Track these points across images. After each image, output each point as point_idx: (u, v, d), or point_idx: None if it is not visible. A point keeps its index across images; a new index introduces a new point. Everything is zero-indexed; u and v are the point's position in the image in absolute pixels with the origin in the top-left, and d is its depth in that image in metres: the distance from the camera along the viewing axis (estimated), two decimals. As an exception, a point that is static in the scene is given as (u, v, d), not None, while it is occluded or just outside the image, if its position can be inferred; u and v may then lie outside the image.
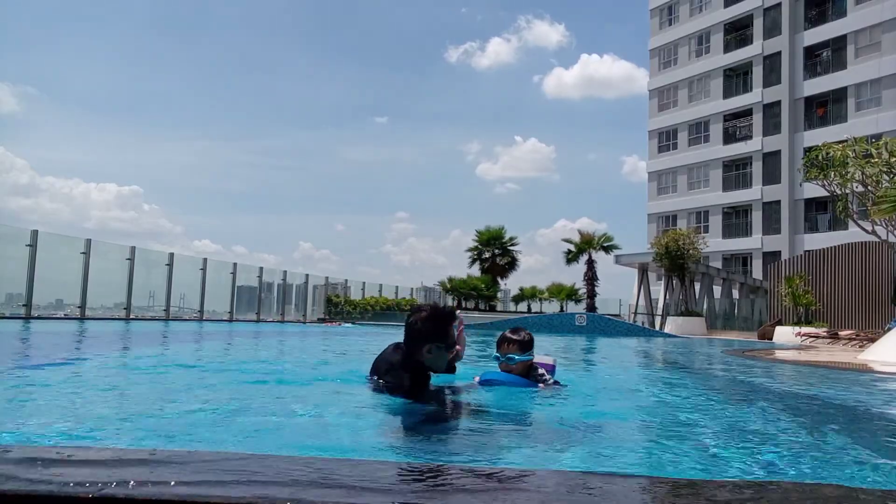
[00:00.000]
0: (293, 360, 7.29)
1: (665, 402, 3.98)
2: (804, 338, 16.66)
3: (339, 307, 30.32)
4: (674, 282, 28.02)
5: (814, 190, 24.56)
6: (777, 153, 37.10)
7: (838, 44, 34.93)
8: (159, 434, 2.40)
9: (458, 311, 3.81)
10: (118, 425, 2.61)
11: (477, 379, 3.67)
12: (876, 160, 17.01)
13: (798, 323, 19.58)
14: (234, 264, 25.04)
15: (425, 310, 3.28)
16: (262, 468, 1.15)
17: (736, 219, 39.62)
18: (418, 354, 3.17)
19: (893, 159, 16.77)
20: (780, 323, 20.59)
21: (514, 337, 3.71)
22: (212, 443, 2.25)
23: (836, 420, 3.56)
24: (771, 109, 37.63)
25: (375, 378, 3.32)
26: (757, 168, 38.09)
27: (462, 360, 3.81)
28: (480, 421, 2.90)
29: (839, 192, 18.60)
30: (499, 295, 41.53)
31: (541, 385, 3.64)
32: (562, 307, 39.08)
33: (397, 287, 35.69)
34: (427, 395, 3.21)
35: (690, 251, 25.49)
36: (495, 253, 40.89)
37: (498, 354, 3.70)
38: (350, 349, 9.05)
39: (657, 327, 26.92)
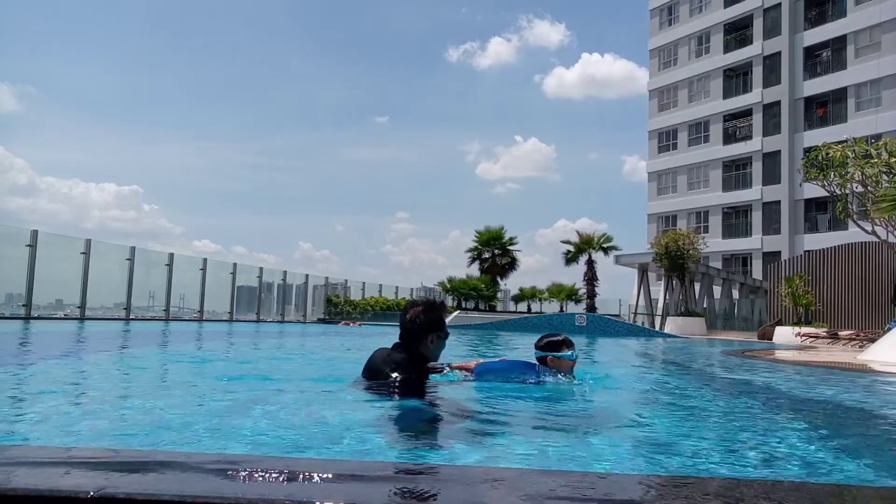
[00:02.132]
0: (300, 361, 7.29)
1: (664, 402, 3.98)
2: (804, 338, 16.66)
3: (339, 307, 30.33)
4: (674, 282, 28.03)
5: (814, 190, 24.57)
6: (777, 153, 37.10)
7: (838, 44, 34.94)
8: (159, 434, 2.41)
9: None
10: (118, 425, 2.61)
11: (474, 363, 3.68)
12: (875, 160, 17.01)
13: (798, 323, 19.58)
14: (234, 264, 25.06)
15: (420, 304, 3.47)
16: (262, 469, 1.15)
17: (736, 219, 39.62)
18: (422, 347, 3.36)
19: (893, 160, 16.77)
20: (780, 323, 20.59)
21: (564, 337, 3.83)
22: (211, 443, 2.25)
23: (836, 420, 3.57)
24: (771, 109, 37.64)
25: (367, 379, 3.35)
26: (757, 168, 38.09)
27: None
28: (481, 420, 2.90)
29: (839, 193, 18.60)
30: (499, 295, 41.51)
31: (559, 377, 3.71)
32: (562, 307, 39.07)
33: (397, 287, 35.73)
34: (428, 391, 3.26)
35: (690, 251, 25.49)
36: (495, 253, 40.87)
37: (573, 352, 3.78)
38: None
39: (657, 327, 26.91)
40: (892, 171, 16.85)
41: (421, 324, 3.35)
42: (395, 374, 3.21)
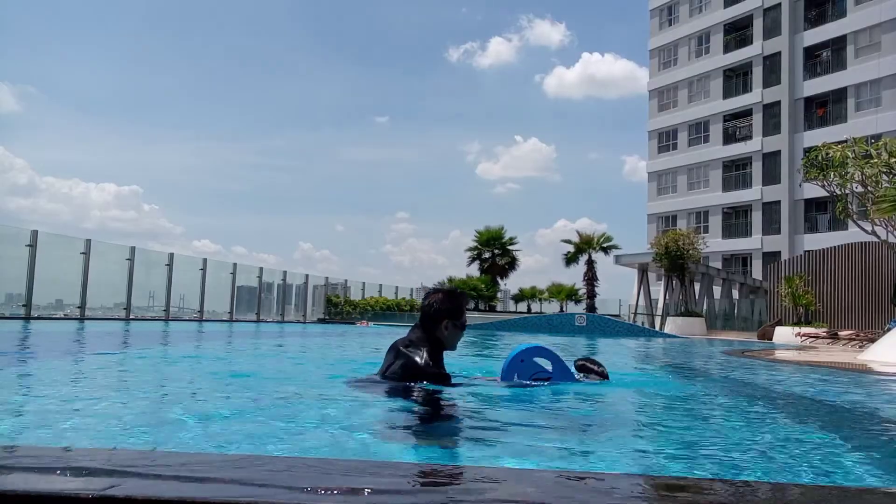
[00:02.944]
0: (301, 360, 7.29)
1: (664, 403, 3.98)
2: (804, 338, 16.65)
3: (339, 307, 30.33)
4: (673, 282, 28.02)
5: (813, 190, 24.57)
6: (777, 153, 37.12)
7: (838, 44, 34.95)
8: (159, 434, 2.41)
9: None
10: (118, 425, 2.61)
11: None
12: (875, 161, 17.02)
13: (798, 323, 19.58)
14: (234, 264, 25.06)
15: (441, 291, 3.58)
16: (262, 468, 1.15)
17: (736, 219, 39.63)
18: (437, 332, 3.45)
19: (893, 160, 16.77)
20: (779, 323, 20.58)
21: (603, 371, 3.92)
22: (212, 443, 2.25)
23: (836, 420, 3.57)
24: (771, 110, 37.65)
25: (378, 376, 3.39)
26: (757, 168, 38.10)
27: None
28: (484, 419, 2.90)
29: (839, 193, 18.61)
30: (498, 295, 41.54)
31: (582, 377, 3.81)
32: (561, 307, 39.10)
33: (397, 287, 35.71)
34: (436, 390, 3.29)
35: (690, 251, 25.49)
36: (495, 253, 40.90)
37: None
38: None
39: (657, 328, 26.91)
40: (892, 171, 16.85)
41: (437, 308, 3.46)
42: (408, 350, 3.37)
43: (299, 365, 6.39)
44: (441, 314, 3.46)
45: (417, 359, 3.28)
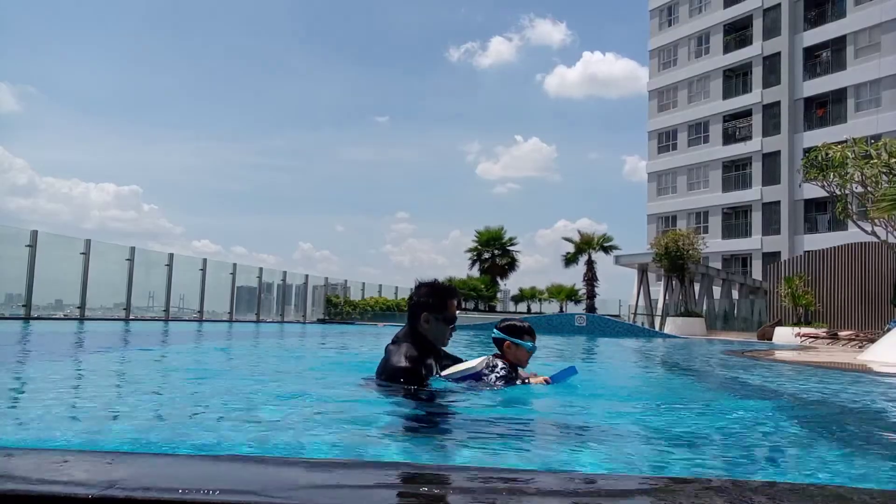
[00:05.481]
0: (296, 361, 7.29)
1: (664, 402, 3.98)
2: (804, 338, 16.65)
3: (339, 308, 30.34)
4: (673, 282, 28.03)
5: (813, 190, 24.57)
6: (777, 154, 37.12)
7: (838, 44, 34.96)
8: (158, 435, 2.41)
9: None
10: (118, 427, 2.61)
11: (543, 378, 3.65)
12: (875, 161, 17.03)
13: (798, 323, 19.57)
14: (234, 265, 25.04)
15: (426, 284, 3.50)
16: (261, 469, 1.16)
17: (735, 219, 39.63)
18: (419, 326, 3.38)
19: (892, 160, 16.79)
20: (779, 323, 20.58)
21: (528, 326, 3.78)
22: (211, 445, 2.25)
23: (835, 421, 3.57)
24: (770, 110, 37.65)
25: (376, 377, 3.38)
26: (756, 169, 38.11)
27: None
28: (480, 420, 2.90)
29: (839, 193, 18.63)
30: (498, 295, 41.56)
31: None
32: (561, 307, 39.13)
33: (397, 287, 35.68)
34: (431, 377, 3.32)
35: (690, 252, 25.50)
36: (495, 253, 40.93)
37: (533, 344, 3.74)
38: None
39: (657, 328, 26.91)
40: (891, 172, 16.87)
41: (416, 301, 3.41)
42: (390, 346, 3.36)
43: (300, 365, 6.39)
44: (419, 307, 3.37)
45: (394, 357, 3.26)
